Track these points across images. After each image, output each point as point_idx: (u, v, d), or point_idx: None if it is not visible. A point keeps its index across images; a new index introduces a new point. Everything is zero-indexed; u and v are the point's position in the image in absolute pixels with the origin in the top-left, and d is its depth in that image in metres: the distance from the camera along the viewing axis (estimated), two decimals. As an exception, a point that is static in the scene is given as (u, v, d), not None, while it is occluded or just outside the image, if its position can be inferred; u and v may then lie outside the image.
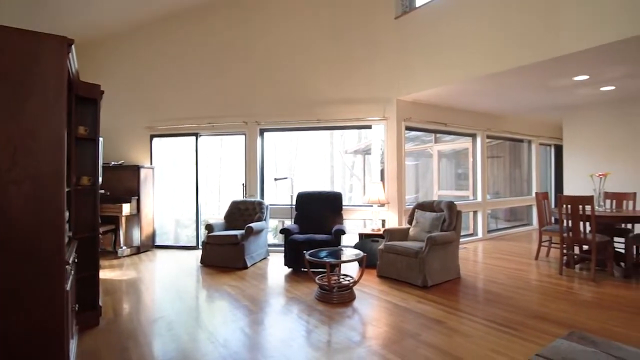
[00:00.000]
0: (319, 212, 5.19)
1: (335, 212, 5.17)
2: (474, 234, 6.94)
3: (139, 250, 5.88)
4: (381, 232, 4.79)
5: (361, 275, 3.83)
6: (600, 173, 4.74)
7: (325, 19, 5.90)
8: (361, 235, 5.02)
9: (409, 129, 5.95)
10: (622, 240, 4.61)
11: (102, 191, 5.24)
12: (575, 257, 4.68)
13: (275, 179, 5.78)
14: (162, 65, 6.44)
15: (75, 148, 2.87)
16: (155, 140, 6.50)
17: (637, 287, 3.94)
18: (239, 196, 6.09)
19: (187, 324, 3.11)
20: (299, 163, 13.11)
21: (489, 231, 7.20)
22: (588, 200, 4.14)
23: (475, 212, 6.94)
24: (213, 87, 6.23)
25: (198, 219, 6.31)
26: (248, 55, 6.12)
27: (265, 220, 5.41)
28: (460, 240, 6.52)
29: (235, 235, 4.87)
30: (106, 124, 5.96)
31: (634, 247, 4.47)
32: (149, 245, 6.14)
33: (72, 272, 2.35)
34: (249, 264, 4.91)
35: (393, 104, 5.60)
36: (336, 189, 12.11)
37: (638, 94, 5.50)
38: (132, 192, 5.85)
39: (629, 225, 4.82)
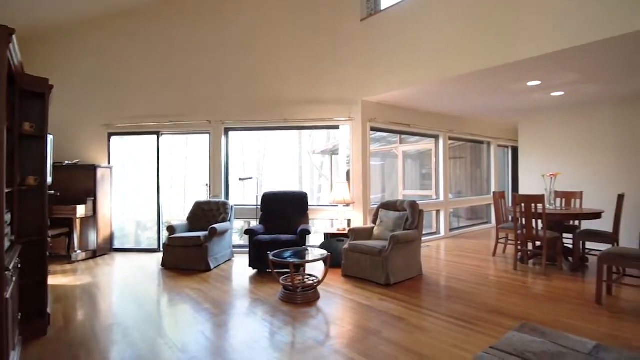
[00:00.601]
0: (284, 212, 5.16)
1: (301, 212, 5.15)
2: (437, 232, 7.15)
3: (95, 254, 5.60)
4: (346, 232, 4.82)
5: (325, 275, 3.84)
6: (551, 173, 5.03)
7: (292, 19, 5.88)
8: (327, 235, 5.04)
9: (374, 129, 6.04)
10: (571, 236, 4.91)
11: (52, 192, 4.99)
12: (529, 253, 4.93)
13: (241, 179, 5.69)
14: (122, 61, 6.17)
15: (20, 145, 2.69)
16: (114, 138, 6.22)
17: (582, 280, 4.20)
18: (204, 197, 5.94)
19: (145, 329, 2.99)
20: (267, 163, 13.01)
21: (451, 229, 7.45)
22: (540, 199, 4.37)
23: (438, 211, 7.16)
24: (176, 85, 6.04)
25: (160, 221, 6.10)
26: (213, 53, 5.98)
27: (230, 221, 5.31)
28: (424, 238, 6.72)
29: (198, 237, 4.75)
30: (60, 121, 5.69)
31: (581, 242, 4.77)
32: (107, 248, 5.86)
33: (14, 278, 2.19)
34: (212, 266, 4.80)
35: (358, 104, 5.66)
36: (305, 190, 12.11)
37: (584, 100, 5.88)
38: (88, 193, 5.56)
39: (577, 222, 5.13)
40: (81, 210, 5.34)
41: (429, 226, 7.25)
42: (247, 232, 4.78)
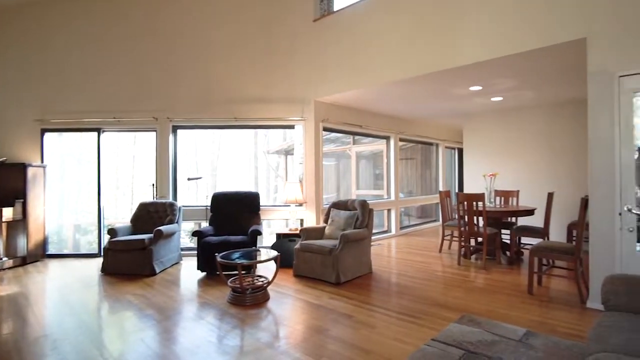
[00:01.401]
0: (235, 213, 5.04)
1: (253, 212, 5.07)
2: (388, 230, 7.35)
3: (25, 261, 5.13)
4: (298, 232, 4.81)
5: (275, 275, 3.79)
6: (491, 174, 5.35)
7: (245, 15, 5.76)
8: (279, 235, 4.99)
9: (326, 129, 6.09)
10: (508, 232, 5.26)
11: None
12: (471, 248, 5.21)
13: (189, 179, 5.48)
14: (58, 50, 5.71)
15: None
16: (48, 135, 5.74)
17: (517, 272, 4.51)
18: (151, 198, 5.65)
19: (78, 340, 2.77)
20: (221, 163, 12.67)
21: (402, 227, 7.69)
22: (480, 197, 4.63)
23: (389, 210, 7.36)
24: (119, 79, 5.69)
25: (101, 224, 5.71)
26: (161, 46, 5.71)
27: (177, 222, 5.09)
28: (376, 237, 6.89)
29: (142, 240, 4.51)
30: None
31: (517, 237, 5.12)
32: (39, 254, 5.39)
33: None
34: (157, 270, 4.57)
35: (311, 104, 5.68)
36: (261, 190, 11.97)
37: (521, 105, 6.33)
38: (16, 194, 5.08)
39: (514, 219, 5.50)
40: (8, 212, 4.87)
41: (380, 225, 7.44)
42: (195, 233, 4.62)
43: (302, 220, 5.69)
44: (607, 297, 2.06)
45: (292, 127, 5.90)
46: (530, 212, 4.91)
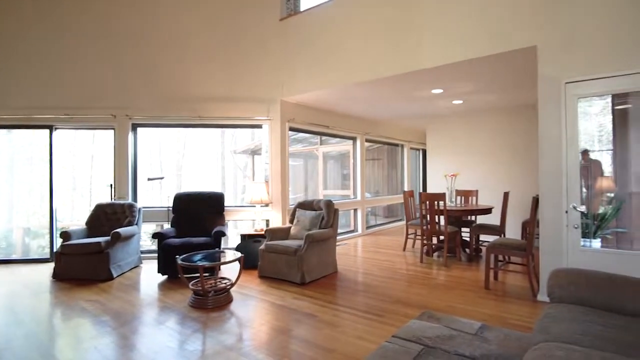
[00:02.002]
0: (198, 214, 4.92)
1: (217, 213, 4.97)
2: (355, 230, 7.44)
3: (-34, 267, 4.75)
4: (263, 232, 4.76)
5: (239, 277, 3.74)
6: (452, 174, 5.54)
7: (209, 13, 5.63)
8: (243, 236, 4.92)
9: (293, 129, 6.07)
10: (468, 230, 5.47)
11: None
12: (433, 246, 5.38)
13: (149, 179, 5.29)
14: (6, 41, 5.33)
15: None
16: (-8, 132, 5.35)
17: (476, 269, 4.70)
18: (108, 199, 5.40)
19: (23, 351, 2.60)
20: (187, 163, 12.33)
21: (368, 227, 7.81)
22: (441, 197, 4.78)
23: (355, 210, 7.45)
24: (74, 73, 5.39)
25: (53, 227, 5.39)
26: (121, 40, 5.47)
27: (137, 224, 4.90)
28: (342, 236, 6.96)
29: (99, 243, 4.30)
30: None
31: (476, 235, 5.33)
32: (-18, 260, 5.02)
33: None
34: (115, 275, 4.38)
35: (277, 104, 5.64)
36: (228, 190, 11.76)
37: (480, 108, 6.60)
38: (-44, 196, 4.70)
39: (473, 217, 5.73)
40: (-54, 216, 4.49)
41: (347, 224, 7.52)
42: (155, 235, 4.46)
43: (267, 221, 5.64)
44: (552, 290, 2.18)
45: (259, 126, 5.84)
46: (487, 211, 5.13)
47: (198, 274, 3.43)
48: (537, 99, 3.51)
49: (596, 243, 3.83)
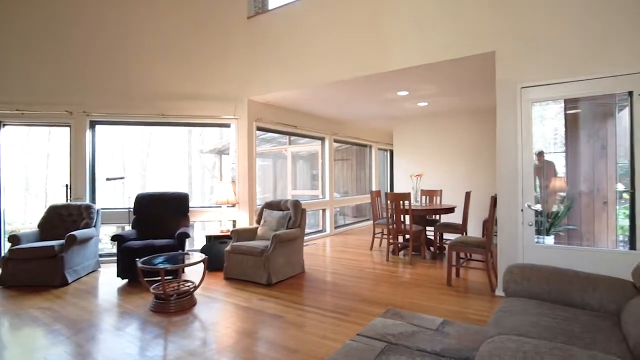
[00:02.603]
0: (161, 215, 4.76)
1: (181, 214, 4.82)
2: (323, 230, 7.46)
3: None
4: (229, 233, 4.68)
5: (202, 279, 3.65)
6: (417, 174, 5.68)
7: (174, 8, 5.46)
8: (209, 238, 4.81)
9: (260, 129, 6.00)
10: (432, 228, 5.62)
11: None
12: (399, 245, 5.49)
13: (108, 179, 5.06)
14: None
15: None
16: None
17: (440, 266, 4.83)
18: (64, 200, 5.11)
19: (-37, 364, 2.41)
20: (152, 162, 11.90)
21: (337, 227, 7.86)
22: (407, 196, 4.89)
23: (324, 210, 7.47)
24: (26, 66, 5.06)
25: (0, 230, 5.03)
26: (78, 36, 5.18)
27: (95, 226, 4.67)
28: (310, 236, 6.97)
29: (52, 247, 4.06)
30: None
31: (439, 233, 5.49)
32: None
33: None
34: (70, 280, 4.15)
35: (244, 103, 5.56)
36: (195, 190, 11.46)
37: (444, 110, 6.81)
38: None
39: (437, 216, 5.90)
40: None
41: (315, 224, 7.53)
42: (114, 238, 4.27)
43: (234, 222, 5.55)
44: (507, 285, 2.28)
45: (227, 125, 5.73)
46: (450, 210, 5.30)
47: (160, 277, 3.31)
48: (496, 103, 3.66)
49: (549, 240, 4.05)
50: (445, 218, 5.96)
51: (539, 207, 3.54)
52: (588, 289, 2.06)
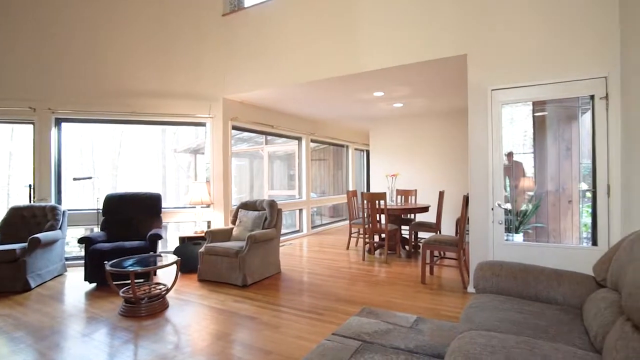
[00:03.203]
0: (132, 216, 4.61)
1: (153, 215, 4.69)
2: (300, 230, 7.44)
3: None
4: (204, 234, 4.59)
5: (175, 281, 3.55)
6: (392, 174, 5.76)
7: (147, 3, 5.29)
8: (182, 239, 4.70)
9: (236, 128, 5.92)
10: (407, 227, 5.71)
11: None
12: (375, 244, 5.54)
13: (75, 179, 4.85)
14: None
15: None
16: None
17: (414, 265, 4.91)
18: (27, 201, 4.87)
19: None
20: (123, 162, 11.53)
21: (314, 227, 7.86)
22: (382, 196, 4.94)
23: (301, 210, 7.45)
24: (-17, 61, 4.80)
25: (-44, 233, 4.73)
26: (42, 28, 4.94)
27: (61, 229, 4.47)
28: (287, 236, 6.93)
29: (13, 250, 3.85)
30: None
31: (414, 232, 5.59)
32: None
33: None
34: (33, 285, 3.95)
35: (219, 102, 5.47)
36: (169, 191, 11.17)
37: (418, 112, 6.93)
38: None
39: (412, 215, 6.00)
40: None
41: (292, 224, 7.50)
42: (82, 240, 4.10)
43: (209, 222, 5.45)
44: (477, 281, 2.34)
45: (202, 124, 5.61)
46: (425, 209, 5.39)
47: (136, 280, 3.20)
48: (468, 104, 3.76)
49: (519, 237, 4.18)
50: (420, 217, 6.07)
51: (508, 206, 3.66)
52: (553, 284, 2.14)
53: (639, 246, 1.60)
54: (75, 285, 4.18)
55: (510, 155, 4.29)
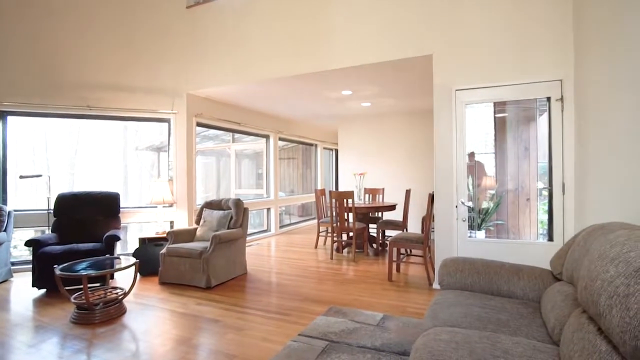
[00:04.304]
0: (87, 217, 4.34)
1: (110, 216, 4.43)
2: (268, 229, 7.33)
3: None
4: (165, 235, 4.39)
5: (133, 285, 3.37)
6: (360, 173, 5.78)
7: (100, -11, 5.01)
8: (143, 240, 4.47)
9: (201, 125, 5.73)
10: (375, 226, 5.75)
11: None
12: (343, 243, 5.54)
13: (22, 177, 4.49)
14: None
15: None
16: None
17: (382, 263, 4.95)
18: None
19: None
20: (81, 159, 10.88)
21: (282, 226, 7.77)
22: (350, 195, 4.95)
23: (269, 209, 7.34)
24: None
25: None
26: (-20, 11, 4.55)
27: (6, 231, 4.13)
28: (255, 236, 6.80)
29: (-51, 255, 3.51)
30: None
31: (382, 231, 5.64)
32: None
33: None
34: (-27, 292, 3.63)
35: (183, 97, 5.26)
36: (131, 190, 10.66)
37: (386, 111, 7.02)
38: None
39: (379, 214, 6.05)
40: None
41: (260, 224, 7.37)
42: (29, 243, 3.80)
43: (172, 223, 5.23)
44: (442, 278, 2.37)
45: (164, 120, 5.38)
46: (392, 208, 5.45)
47: (91, 285, 2.99)
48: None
49: (481, 234, 4.31)
50: (387, 215, 6.14)
51: (471, 203, 3.75)
52: (513, 279, 2.20)
53: (592, 241, 1.67)
54: (22, 291, 3.87)
55: (471, 155, 4.42)
